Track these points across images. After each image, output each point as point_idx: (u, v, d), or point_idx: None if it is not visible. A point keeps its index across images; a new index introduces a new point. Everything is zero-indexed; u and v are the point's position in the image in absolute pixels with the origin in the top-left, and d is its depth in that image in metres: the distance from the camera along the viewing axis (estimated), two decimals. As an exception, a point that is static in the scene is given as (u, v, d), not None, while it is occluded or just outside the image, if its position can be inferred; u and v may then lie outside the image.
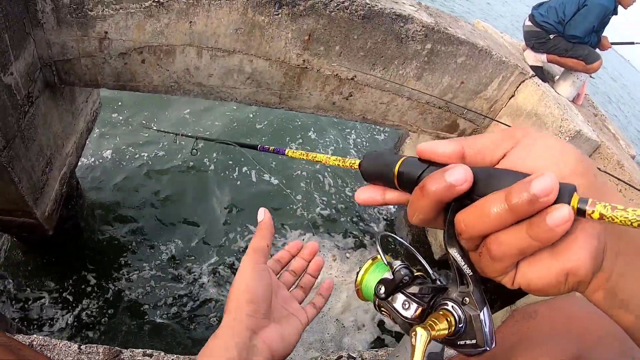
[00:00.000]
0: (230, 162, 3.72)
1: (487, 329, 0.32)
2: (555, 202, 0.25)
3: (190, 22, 1.81)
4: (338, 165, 0.42)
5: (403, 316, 0.38)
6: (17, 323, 2.27)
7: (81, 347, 0.93)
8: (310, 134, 4.39)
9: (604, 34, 2.92)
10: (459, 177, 0.28)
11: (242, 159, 3.72)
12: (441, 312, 0.34)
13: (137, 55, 1.85)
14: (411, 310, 0.37)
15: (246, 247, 0.63)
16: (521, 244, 0.27)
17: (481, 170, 0.29)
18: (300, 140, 4.26)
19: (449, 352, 1.12)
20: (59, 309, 2.48)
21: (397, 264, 0.39)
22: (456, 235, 0.31)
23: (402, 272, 0.38)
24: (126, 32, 1.83)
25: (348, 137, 4.63)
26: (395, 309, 0.38)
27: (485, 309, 0.33)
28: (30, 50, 1.89)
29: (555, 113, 2.71)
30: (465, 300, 0.34)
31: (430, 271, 0.39)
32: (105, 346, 0.96)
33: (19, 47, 1.81)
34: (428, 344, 0.33)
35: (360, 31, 1.97)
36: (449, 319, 0.34)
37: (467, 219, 0.28)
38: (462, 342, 0.34)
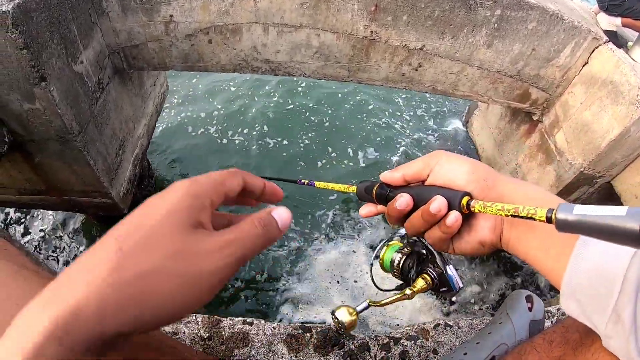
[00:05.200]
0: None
1: (451, 278, 0.52)
2: (451, 207, 0.44)
3: (255, -2, 1.77)
4: (341, 191, 0.58)
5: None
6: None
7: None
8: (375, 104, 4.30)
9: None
10: (402, 205, 0.47)
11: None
12: (420, 276, 0.54)
13: (203, 36, 1.83)
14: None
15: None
16: (439, 235, 0.46)
17: (416, 189, 0.49)
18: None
19: (547, 323, 1.02)
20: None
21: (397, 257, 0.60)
22: None
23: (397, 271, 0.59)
24: (191, 13, 1.81)
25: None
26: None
27: (447, 267, 0.52)
28: (97, 38, 1.91)
29: (632, 81, 2.50)
30: (435, 265, 0.53)
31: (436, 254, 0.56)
32: (204, 315, 0.91)
33: (87, 36, 1.83)
34: (404, 296, 0.55)
35: (428, -1, 1.87)
36: (425, 277, 0.54)
37: (408, 225, 0.49)
38: (442, 290, 0.53)
